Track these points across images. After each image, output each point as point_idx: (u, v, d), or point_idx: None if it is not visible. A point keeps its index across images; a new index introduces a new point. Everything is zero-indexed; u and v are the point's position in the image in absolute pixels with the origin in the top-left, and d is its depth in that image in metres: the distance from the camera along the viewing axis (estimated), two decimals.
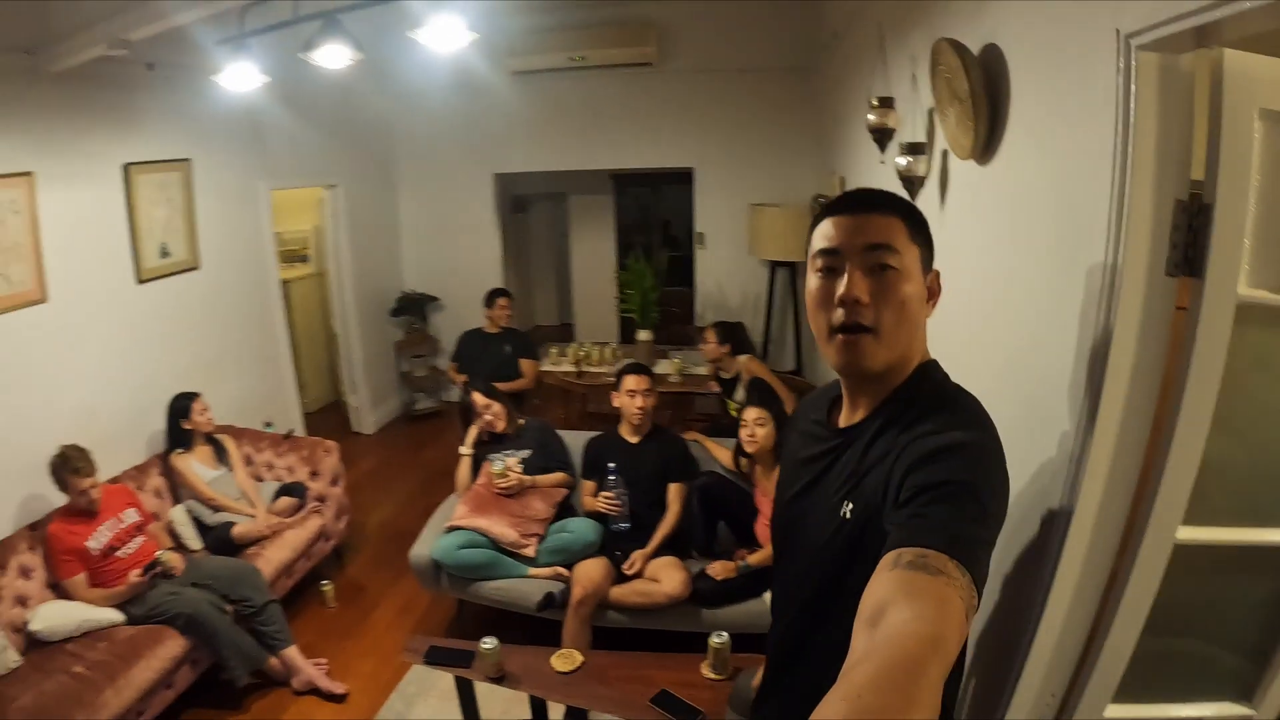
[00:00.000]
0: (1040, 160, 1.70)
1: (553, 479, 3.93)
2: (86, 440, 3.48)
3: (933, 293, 1.26)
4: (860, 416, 1.27)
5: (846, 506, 1.21)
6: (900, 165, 2.47)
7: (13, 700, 2.80)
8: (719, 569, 3.44)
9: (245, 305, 5.24)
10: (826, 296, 1.21)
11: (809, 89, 6.01)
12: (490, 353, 5.42)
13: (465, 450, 4.03)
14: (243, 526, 3.93)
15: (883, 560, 0.96)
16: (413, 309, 7.05)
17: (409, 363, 7.17)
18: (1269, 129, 1.25)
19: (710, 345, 4.71)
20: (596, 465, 3.78)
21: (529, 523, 3.74)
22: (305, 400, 6.47)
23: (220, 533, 3.91)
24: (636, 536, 3.63)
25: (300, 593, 4.22)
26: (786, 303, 6.41)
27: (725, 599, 3.41)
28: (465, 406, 4.09)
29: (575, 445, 4.08)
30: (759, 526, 3.53)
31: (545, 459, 3.98)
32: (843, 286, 1.17)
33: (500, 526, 3.69)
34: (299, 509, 4.24)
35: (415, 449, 6.45)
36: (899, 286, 1.18)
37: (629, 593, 3.48)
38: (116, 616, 3.28)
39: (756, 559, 3.40)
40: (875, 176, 3.37)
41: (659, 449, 3.80)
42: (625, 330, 8.13)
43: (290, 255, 7.23)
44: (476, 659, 2.73)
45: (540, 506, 3.80)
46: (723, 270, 6.69)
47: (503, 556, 3.66)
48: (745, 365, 4.63)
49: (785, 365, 6.37)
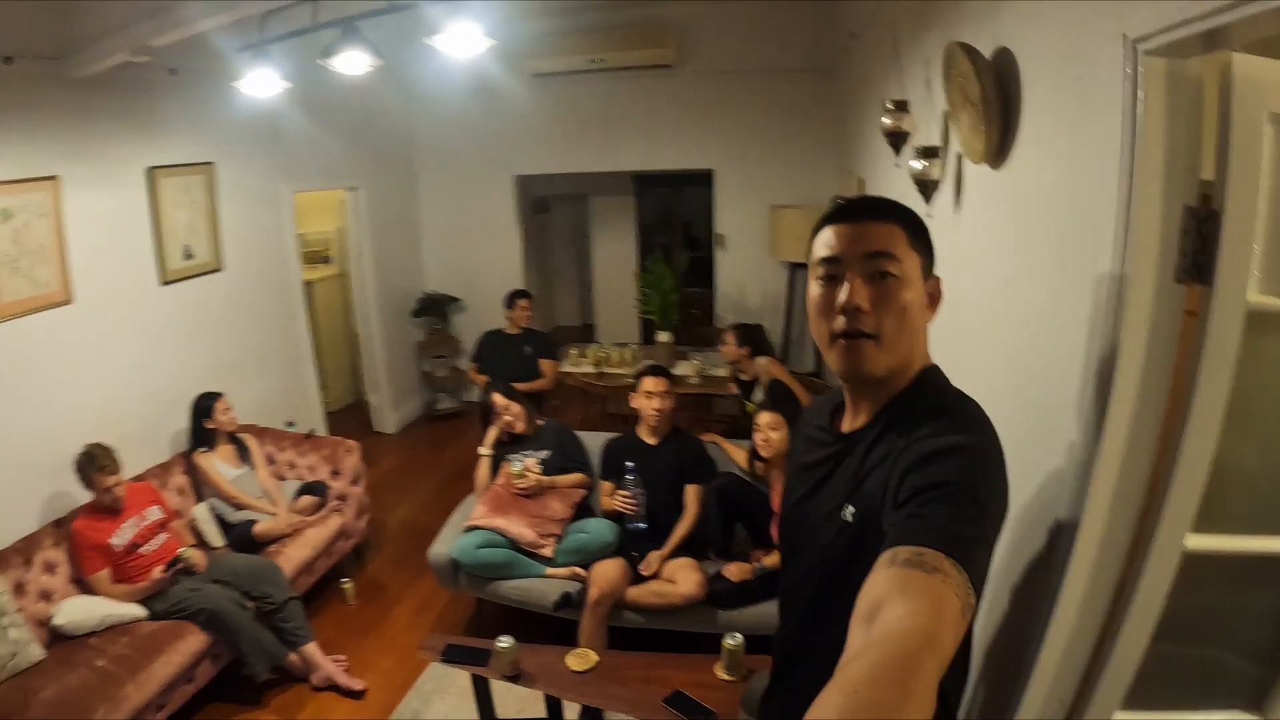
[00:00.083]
0: (1051, 165, 1.68)
1: (571, 480, 3.94)
2: (111, 439, 3.54)
3: (933, 299, 1.27)
4: (862, 421, 1.29)
5: (848, 509, 1.22)
6: (914, 169, 2.46)
7: (36, 693, 2.86)
8: (735, 571, 3.44)
9: (268, 306, 5.29)
10: (828, 304, 1.23)
11: (828, 90, 5.98)
12: (510, 353, 5.44)
13: (484, 451, 4.06)
14: (264, 524, 3.97)
15: (880, 559, 0.97)
16: (434, 310, 7.10)
17: (430, 363, 7.21)
18: (1279, 134, 1.24)
19: (729, 347, 4.71)
20: (615, 466, 3.78)
21: (547, 523, 3.76)
22: (327, 400, 6.51)
23: (242, 530, 3.96)
24: (653, 537, 3.64)
25: (320, 590, 4.26)
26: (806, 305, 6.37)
27: (741, 600, 3.41)
28: (485, 407, 4.11)
29: (594, 446, 4.08)
30: (775, 528, 3.52)
31: (563, 460, 4.00)
32: (844, 294, 1.19)
33: (518, 526, 3.71)
34: (320, 507, 4.28)
35: (436, 449, 6.49)
36: (899, 293, 1.19)
37: (645, 593, 3.49)
38: (139, 612, 3.33)
39: (772, 561, 3.39)
40: (891, 179, 3.35)
41: (677, 451, 3.80)
42: (646, 331, 8.13)
43: (313, 256, 7.29)
44: (492, 657, 2.75)
45: (558, 507, 3.82)
46: (743, 271, 6.69)
47: (520, 556, 3.68)
48: (764, 367, 4.62)
49: (805, 367, 6.35)
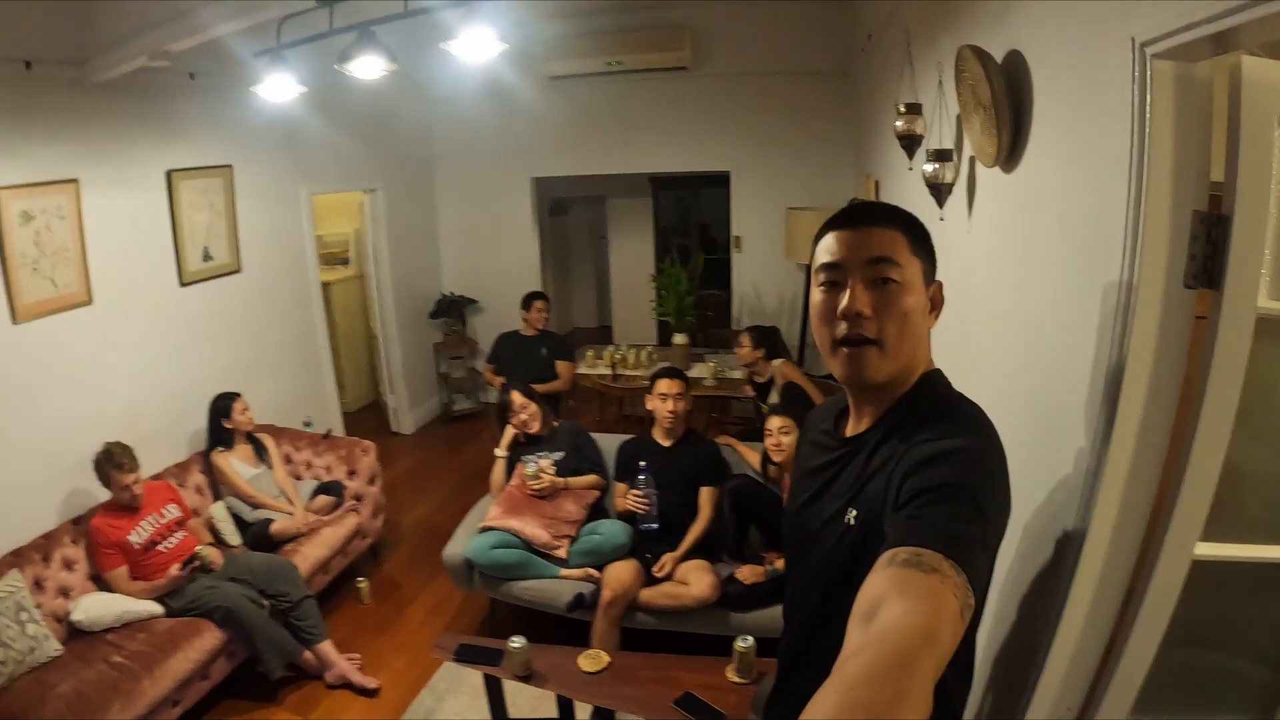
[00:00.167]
0: (1062, 169, 1.67)
1: (585, 481, 3.95)
2: (130, 438, 3.57)
3: (935, 304, 1.27)
4: (865, 425, 1.29)
5: (851, 513, 1.23)
6: (926, 172, 2.45)
7: (53, 687, 2.89)
8: (748, 573, 3.45)
9: (286, 307, 5.33)
10: (830, 310, 1.23)
11: (844, 92, 5.97)
12: (527, 355, 5.46)
13: (500, 453, 4.07)
14: (281, 523, 4.01)
15: (879, 559, 0.97)
16: (451, 311, 7.13)
17: (447, 364, 7.24)
18: None
19: (745, 349, 4.70)
20: (629, 467, 3.78)
21: (561, 524, 3.76)
22: (345, 400, 6.57)
23: (259, 529, 4.00)
24: (667, 539, 3.63)
25: (336, 589, 4.29)
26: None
27: (753, 603, 3.40)
28: (503, 405, 4.12)
29: (610, 448, 4.09)
30: None
31: (578, 461, 4.01)
32: (845, 300, 1.19)
33: (532, 528, 3.72)
34: (336, 507, 4.31)
35: (452, 450, 6.51)
36: (901, 299, 1.19)
37: (658, 595, 3.49)
38: (156, 609, 3.37)
39: (784, 563, 3.38)
40: (905, 182, 3.34)
41: (691, 453, 3.80)
42: (663, 333, 8.12)
43: (331, 258, 7.34)
44: (505, 658, 2.76)
45: (572, 508, 3.82)
46: (759, 273, 6.68)
47: (534, 557, 3.70)
48: (779, 370, 4.61)
49: (820, 369, 6.31)
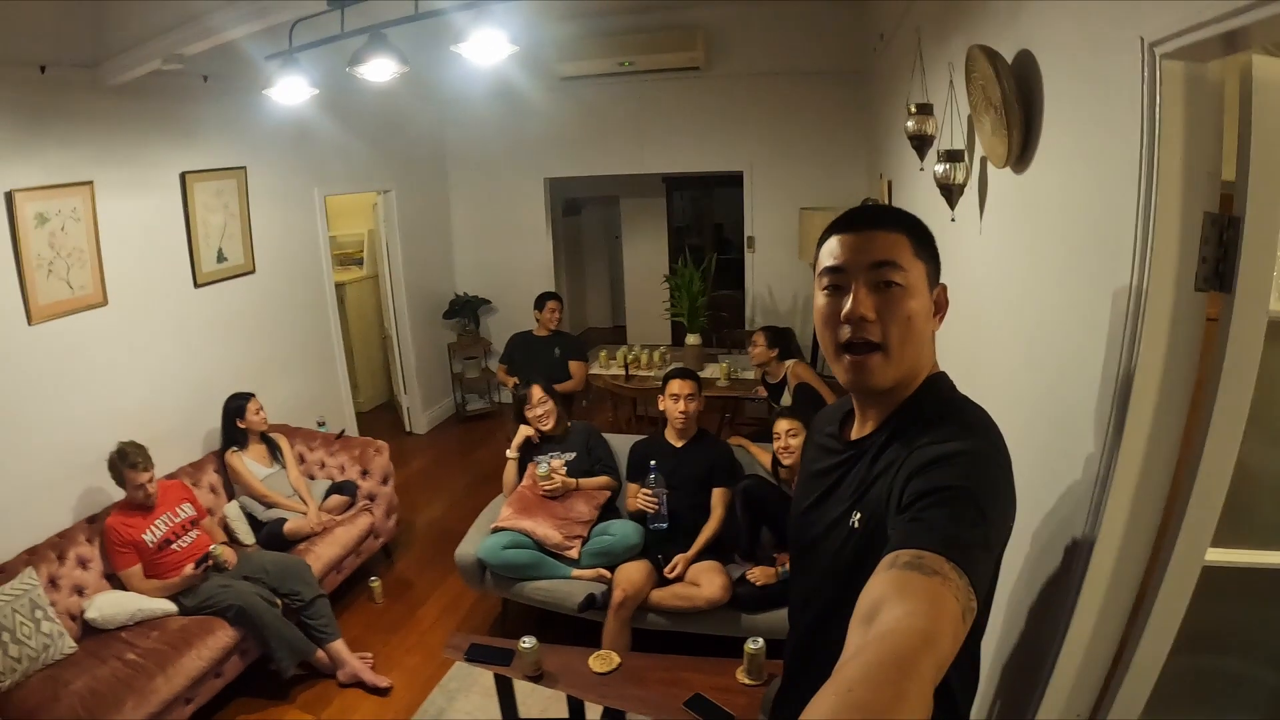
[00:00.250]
0: (1072, 170, 1.65)
1: (596, 482, 3.95)
2: (145, 437, 3.60)
3: (940, 307, 1.26)
4: (869, 429, 1.29)
5: (855, 516, 1.22)
6: (937, 172, 2.43)
7: (68, 684, 2.92)
8: (759, 574, 3.44)
9: (299, 308, 5.36)
10: (833, 314, 1.22)
11: (857, 92, 5.94)
12: (540, 355, 5.47)
13: (511, 454, 4.07)
14: (294, 523, 4.03)
15: (881, 562, 0.97)
16: (465, 311, 7.14)
17: (461, 364, 7.26)
18: None
19: (760, 348, 4.69)
20: (641, 467, 3.78)
21: (572, 525, 3.76)
22: (358, 400, 6.60)
23: (272, 528, 4.02)
24: (678, 540, 3.63)
25: (349, 588, 4.31)
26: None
27: (764, 604, 3.39)
28: (521, 400, 4.10)
29: (623, 448, 4.08)
30: None
31: (590, 462, 4.01)
32: (849, 304, 1.19)
33: (544, 528, 3.72)
34: (349, 507, 4.33)
35: (465, 450, 6.53)
36: (904, 303, 1.19)
37: (669, 596, 3.48)
38: (169, 607, 3.39)
39: None
40: (916, 183, 3.32)
41: (703, 453, 3.80)
42: (677, 333, 8.11)
43: (345, 258, 7.38)
44: (516, 658, 2.76)
45: (584, 509, 3.83)
46: (773, 274, 6.66)
47: (546, 557, 3.70)
48: (792, 370, 4.60)
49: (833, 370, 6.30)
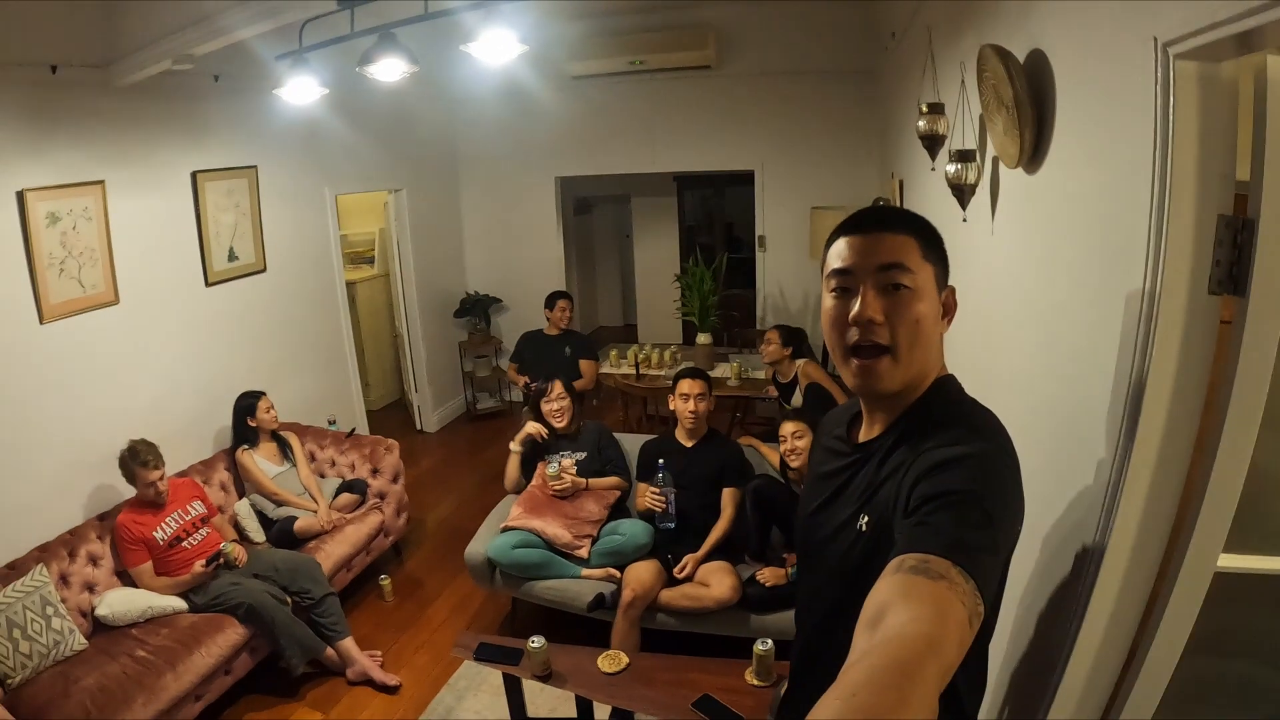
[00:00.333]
0: (1084, 171, 1.63)
1: (607, 482, 3.94)
2: (156, 435, 3.61)
3: (948, 310, 1.25)
4: (877, 431, 1.28)
5: (863, 519, 1.22)
6: (949, 172, 2.40)
7: (78, 681, 2.93)
8: (769, 575, 3.42)
9: (310, 306, 5.37)
10: (841, 316, 1.21)
11: (868, 92, 5.90)
12: (550, 354, 5.46)
13: (515, 447, 4.04)
14: (304, 521, 4.03)
15: (887, 566, 0.97)
16: (476, 310, 7.14)
17: (472, 363, 7.26)
18: None
19: (774, 346, 4.66)
20: (650, 467, 3.76)
21: (582, 524, 3.75)
22: (369, 399, 6.62)
23: (283, 526, 4.02)
24: (688, 540, 3.61)
25: (359, 586, 4.31)
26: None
27: (774, 605, 3.37)
28: (539, 392, 4.08)
29: (634, 448, 4.06)
30: None
31: (600, 463, 3.99)
32: (856, 307, 1.18)
33: (554, 528, 3.71)
34: (360, 505, 4.33)
35: (476, 448, 6.52)
36: (913, 305, 1.18)
37: (679, 596, 3.46)
38: (179, 604, 3.40)
39: None
40: (927, 183, 3.29)
41: (713, 453, 3.77)
42: (688, 332, 8.10)
43: (356, 257, 7.40)
44: (524, 657, 2.75)
45: (594, 508, 3.81)
46: (784, 273, 6.62)
47: (556, 557, 3.69)
48: (803, 370, 4.58)
49: None
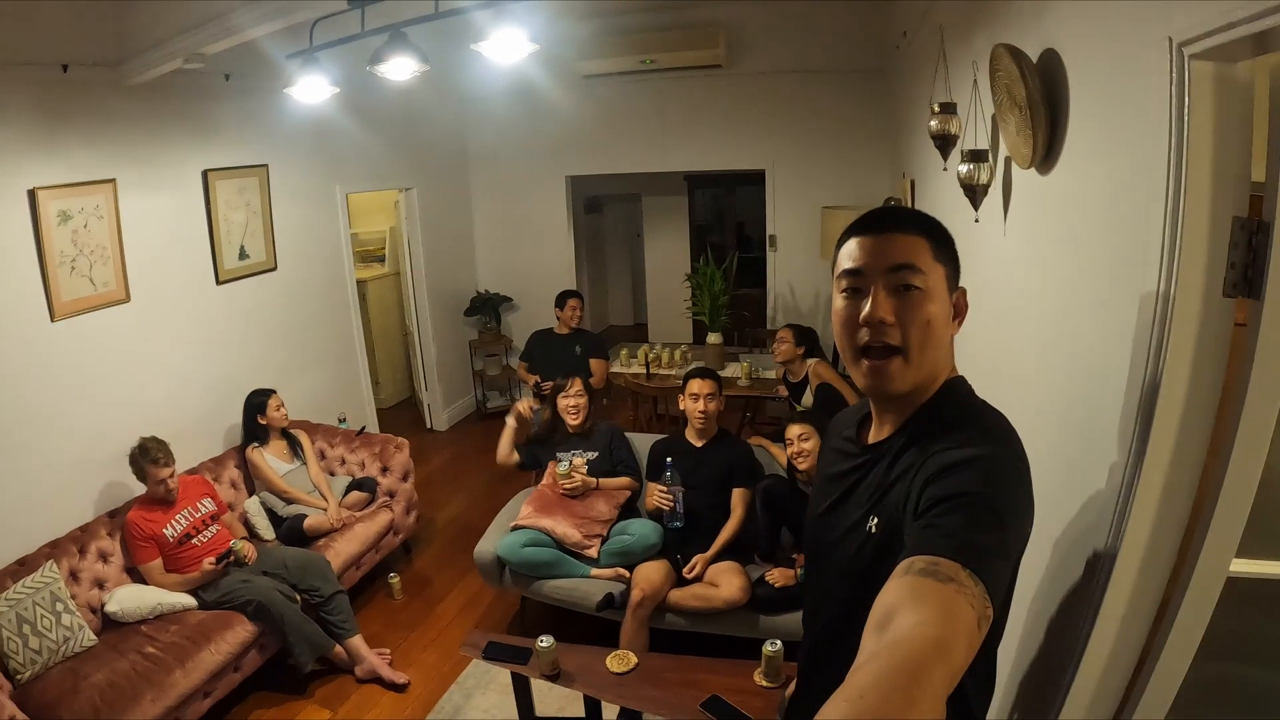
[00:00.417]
0: (1098, 172, 1.61)
1: (617, 483, 3.93)
2: (166, 433, 3.62)
3: (959, 311, 1.24)
4: (887, 433, 1.27)
5: (872, 521, 1.21)
6: (961, 172, 2.38)
7: (87, 677, 2.95)
8: (778, 576, 3.40)
9: (321, 305, 5.38)
10: (852, 317, 1.20)
11: (880, 90, 5.87)
12: (560, 353, 5.45)
13: (510, 420, 3.95)
14: (314, 519, 4.04)
15: (896, 568, 0.96)
16: (486, 308, 7.14)
17: (482, 361, 7.27)
18: None
19: (787, 346, 4.64)
20: (660, 466, 3.75)
21: (592, 524, 3.75)
22: (380, 397, 6.62)
23: (292, 524, 4.03)
24: (698, 540, 3.60)
25: (368, 584, 4.32)
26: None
27: (783, 606, 3.35)
28: (559, 387, 4.07)
29: (645, 448, 4.06)
30: None
31: (611, 463, 3.99)
32: (867, 307, 1.17)
33: (564, 527, 3.71)
34: (369, 503, 4.34)
35: (486, 447, 6.42)
36: (924, 307, 1.17)
37: (688, 596, 3.46)
38: (189, 601, 3.42)
39: None
40: (939, 183, 3.26)
41: (723, 453, 3.76)
42: (698, 332, 8.08)
43: (367, 255, 7.42)
44: (533, 657, 2.75)
45: (604, 508, 3.81)
46: (795, 272, 6.60)
47: (565, 556, 3.68)
48: (814, 370, 4.56)
49: None
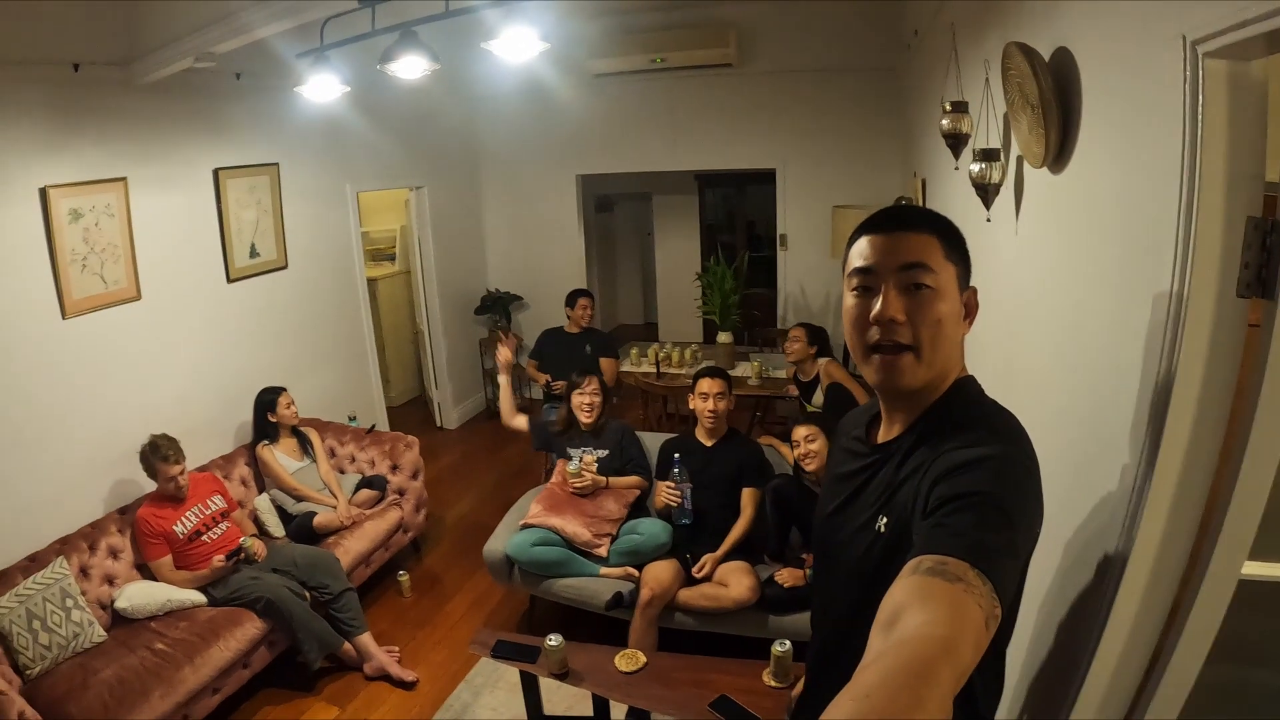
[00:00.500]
0: (1110, 171, 1.59)
1: (627, 481, 3.92)
2: (177, 430, 3.64)
3: (970, 310, 1.24)
4: (896, 432, 1.27)
5: (881, 520, 1.21)
6: (972, 171, 2.36)
7: (96, 673, 2.96)
8: (787, 576, 3.39)
9: (331, 303, 5.39)
10: (863, 315, 1.20)
11: (891, 89, 5.85)
12: (571, 352, 5.45)
13: (502, 378, 4.10)
14: (324, 516, 4.04)
15: (905, 567, 0.95)
16: (497, 307, 7.14)
17: (492, 360, 7.16)
18: None
19: (799, 345, 4.64)
20: (669, 465, 3.74)
21: (601, 523, 3.74)
22: (390, 395, 6.64)
23: (302, 521, 4.04)
24: (707, 539, 3.59)
25: (377, 582, 4.33)
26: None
27: (793, 606, 3.34)
28: (574, 385, 4.06)
29: (653, 446, 4.05)
30: None
31: (621, 461, 3.98)
32: (878, 306, 1.17)
33: (574, 526, 3.70)
34: (379, 501, 4.35)
35: (496, 446, 6.51)
36: (934, 306, 1.17)
37: (697, 596, 3.45)
38: (198, 598, 3.43)
39: None
40: (951, 182, 3.24)
41: (733, 453, 3.75)
42: (708, 331, 8.06)
43: (378, 254, 7.44)
44: (541, 655, 2.75)
45: (613, 507, 3.80)
46: (805, 272, 6.58)
47: (574, 555, 3.68)
48: (824, 369, 4.55)
49: None
